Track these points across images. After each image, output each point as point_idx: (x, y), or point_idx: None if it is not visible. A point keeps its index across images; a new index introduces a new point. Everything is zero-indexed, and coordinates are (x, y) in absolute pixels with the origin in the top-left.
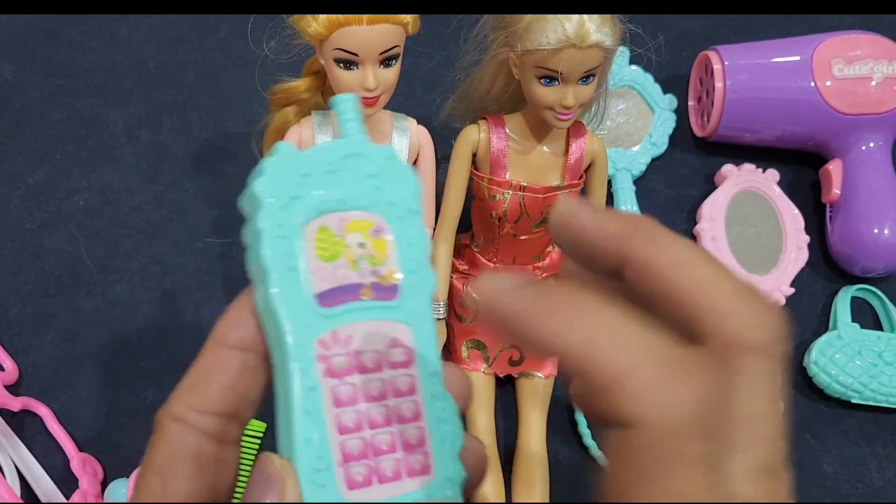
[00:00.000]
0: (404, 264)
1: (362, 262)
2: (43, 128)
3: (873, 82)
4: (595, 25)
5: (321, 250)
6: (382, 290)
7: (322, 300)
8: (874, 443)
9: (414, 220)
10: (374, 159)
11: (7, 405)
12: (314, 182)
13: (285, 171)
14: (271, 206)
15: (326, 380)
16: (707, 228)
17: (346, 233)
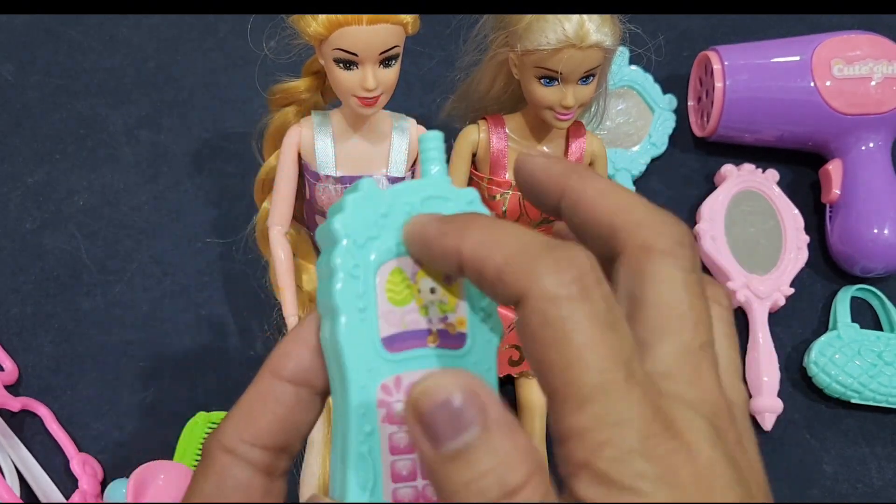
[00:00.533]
0: (474, 314)
1: (432, 309)
2: (42, 128)
3: (873, 82)
4: (595, 25)
5: (392, 293)
6: (449, 339)
7: (389, 344)
8: (874, 443)
9: None
10: (456, 203)
11: (7, 405)
12: (393, 223)
13: (366, 209)
14: (349, 243)
15: (385, 426)
16: (707, 228)
17: (420, 278)
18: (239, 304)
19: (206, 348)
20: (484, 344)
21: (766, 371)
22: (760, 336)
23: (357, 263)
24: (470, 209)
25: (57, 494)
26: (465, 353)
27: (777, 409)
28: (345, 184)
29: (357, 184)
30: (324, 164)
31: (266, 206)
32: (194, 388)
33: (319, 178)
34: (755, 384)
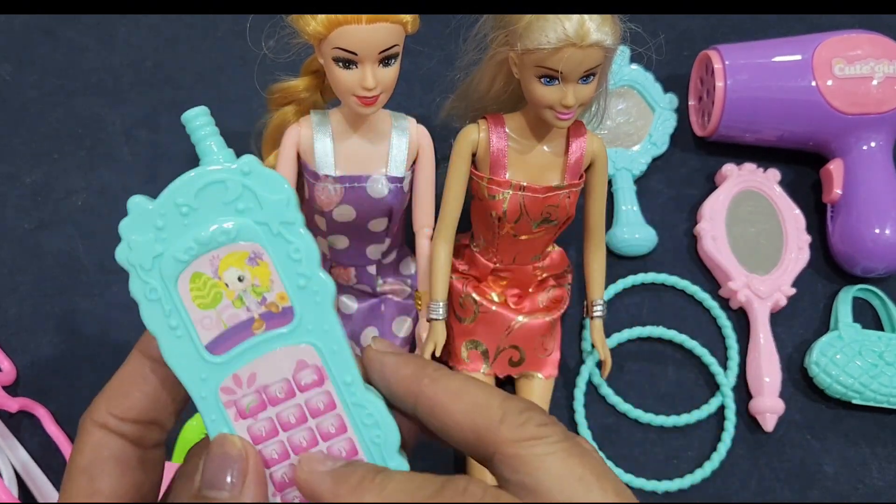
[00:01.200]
0: (291, 282)
1: (246, 297)
2: (41, 128)
3: (874, 82)
4: (595, 25)
5: (199, 299)
6: (275, 318)
7: (214, 348)
8: (875, 443)
9: (292, 231)
10: (230, 182)
11: (5, 406)
12: (172, 232)
13: (141, 229)
14: (136, 271)
15: (239, 422)
16: (707, 228)
17: (222, 272)
18: None
19: None
20: (314, 307)
21: (767, 371)
22: (761, 336)
23: (152, 287)
24: (249, 181)
25: (55, 495)
26: (296, 326)
27: (778, 409)
28: (344, 183)
29: (128, 203)
30: (323, 163)
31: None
32: None
33: (318, 178)
34: (756, 385)
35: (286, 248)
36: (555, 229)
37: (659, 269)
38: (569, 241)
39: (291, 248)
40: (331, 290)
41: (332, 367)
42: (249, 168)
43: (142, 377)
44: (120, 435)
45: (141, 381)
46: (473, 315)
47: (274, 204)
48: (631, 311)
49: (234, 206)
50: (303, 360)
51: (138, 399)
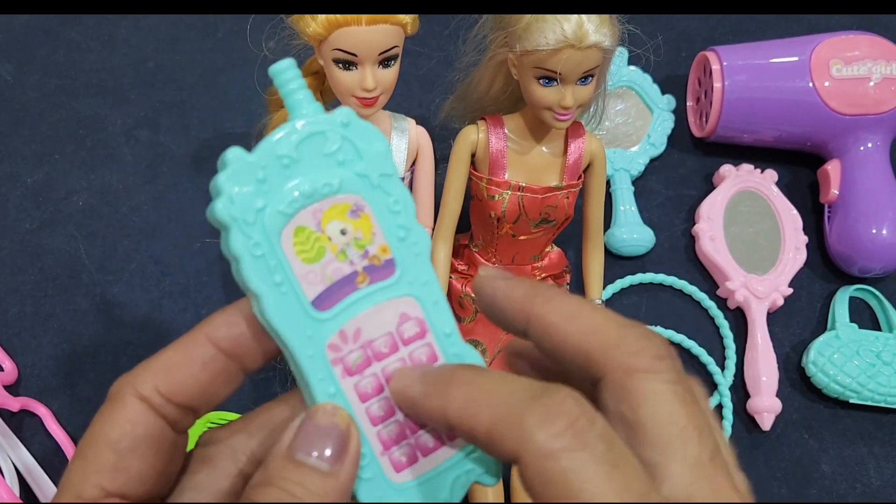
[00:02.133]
0: (392, 234)
1: (349, 250)
2: (42, 128)
3: (871, 83)
4: (594, 26)
5: (303, 253)
6: (378, 271)
7: (319, 304)
8: (872, 443)
9: (390, 183)
10: (331, 133)
11: (6, 405)
12: (274, 184)
13: (241, 182)
14: (238, 226)
15: (346, 380)
16: (705, 228)
17: (324, 225)
18: None
19: None
20: (414, 258)
21: (764, 371)
22: (759, 336)
23: (256, 241)
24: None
25: None
26: (398, 278)
27: (775, 408)
28: None
29: (223, 158)
30: None
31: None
32: None
33: None
34: (754, 384)
35: (386, 199)
36: (553, 230)
37: (657, 270)
38: (567, 241)
39: (391, 199)
40: (428, 242)
41: (433, 319)
42: (348, 119)
43: (201, 361)
44: (161, 415)
45: (198, 366)
46: (473, 315)
47: (373, 156)
48: (629, 310)
49: (335, 157)
50: (405, 313)
51: (191, 383)
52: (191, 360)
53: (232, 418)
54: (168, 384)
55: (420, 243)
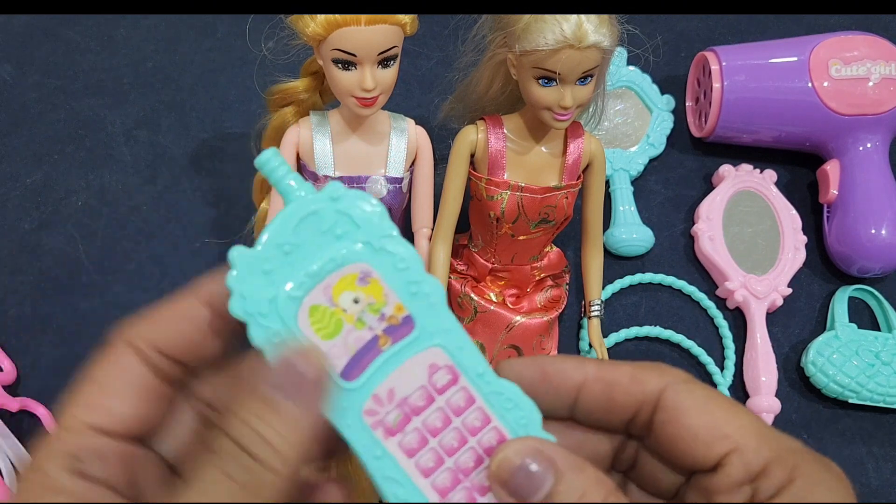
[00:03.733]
0: (404, 291)
1: (365, 316)
2: (41, 128)
3: (870, 83)
4: (593, 26)
5: (322, 330)
6: (398, 329)
7: (348, 374)
8: (871, 443)
9: (392, 242)
10: (323, 211)
11: (5, 406)
12: (280, 273)
13: (249, 279)
14: (255, 320)
15: (389, 440)
16: (705, 229)
17: (336, 298)
18: None
19: None
20: (430, 309)
21: (763, 371)
22: (758, 336)
23: (275, 331)
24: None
25: None
26: (419, 332)
27: (775, 408)
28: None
29: (229, 258)
30: (322, 164)
31: (265, 207)
32: None
33: (318, 179)
34: (753, 384)
35: (391, 259)
36: (553, 230)
37: (656, 270)
38: (567, 241)
39: (396, 258)
40: (441, 290)
41: (462, 363)
42: (337, 193)
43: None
44: (151, 366)
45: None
46: (472, 315)
47: (369, 221)
48: (628, 310)
49: (333, 232)
50: (434, 364)
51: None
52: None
53: None
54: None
55: (433, 293)
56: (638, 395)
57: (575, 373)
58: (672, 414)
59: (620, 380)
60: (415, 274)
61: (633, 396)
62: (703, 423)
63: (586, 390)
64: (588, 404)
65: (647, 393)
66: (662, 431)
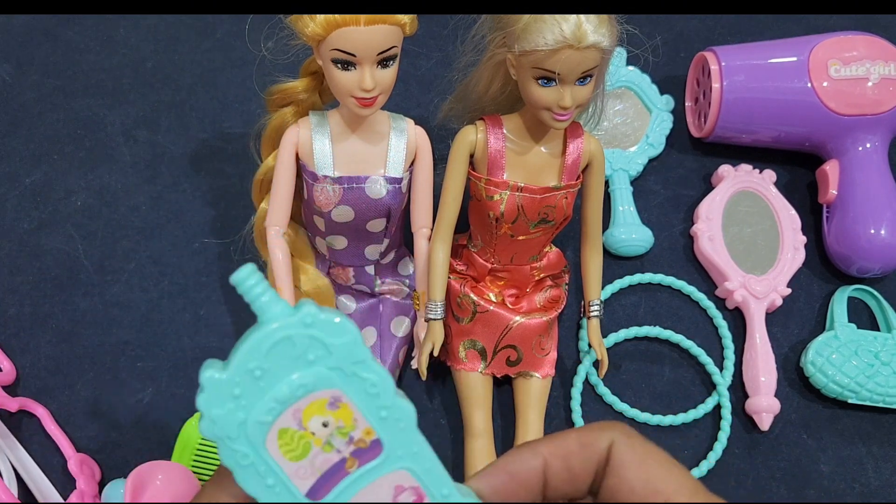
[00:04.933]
0: (373, 416)
1: (334, 439)
2: (40, 128)
3: (870, 83)
4: (592, 26)
5: (290, 453)
6: (365, 453)
7: (314, 495)
8: (870, 443)
9: (364, 368)
10: (297, 336)
11: (5, 406)
12: (250, 397)
13: (219, 402)
14: (224, 443)
15: None
16: (704, 229)
17: (306, 422)
18: (237, 304)
19: (205, 348)
20: (399, 433)
21: (763, 371)
22: (758, 336)
23: (243, 453)
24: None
25: (54, 494)
26: (387, 455)
27: (774, 409)
28: (343, 184)
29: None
30: (322, 164)
31: (264, 207)
32: (192, 389)
33: (317, 179)
34: (752, 384)
35: (362, 385)
36: (552, 230)
37: (655, 270)
38: (566, 241)
39: (368, 384)
40: (411, 414)
41: (427, 484)
42: (311, 319)
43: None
44: None
45: None
46: (471, 315)
47: (342, 347)
48: (628, 310)
49: (305, 357)
50: (400, 485)
51: None
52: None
53: None
54: None
55: (403, 417)
56: (593, 458)
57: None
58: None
59: (572, 448)
60: (385, 399)
61: (589, 461)
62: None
63: (549, 471)
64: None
65: (599, 454)
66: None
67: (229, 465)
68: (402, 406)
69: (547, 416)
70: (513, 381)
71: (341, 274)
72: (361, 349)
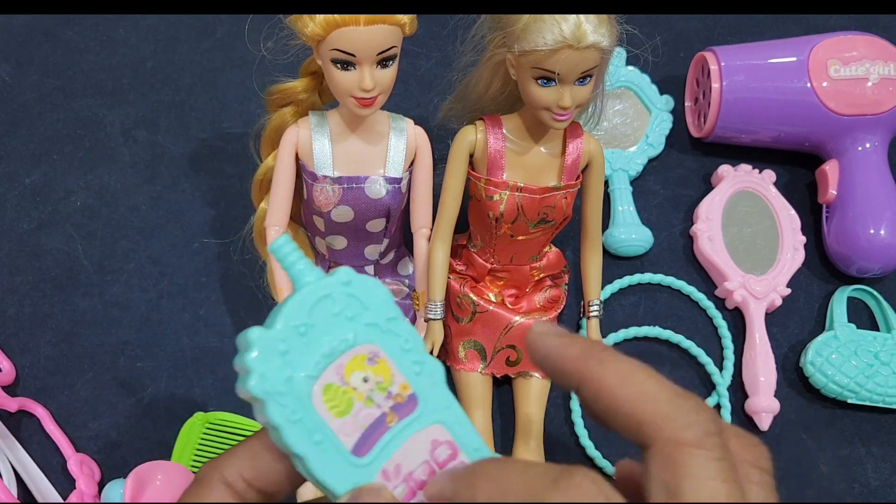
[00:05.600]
0: (409, 371)
1: (374, 395)
2: (40, 128)
3: (869, 83)
4: (592, 26)
5: (335, 408)
6: (403, 407)
7: (358, 451)
8: (870, 443)
9: (398, 325)
10: (336, 294)
11: (4, 406)
12: (296, 353)
13: (268, 359)
14: (273, 398)
15: None
16: (704, 229)
17: (348, 377)
18: (237, 304)
19: (204, 348)
20: (432, 387)
21: (762, 371)
22: (757, 336)
23: (292, 409)
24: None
25: (54, 495)
26: (423, 409)
27: (774, 409)
28: (342, 184)
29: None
30: (321, 164)
31: (264, 207)
32: (192, 389)
33: (317, 179)
34: (752, 384)
35: (397, 341)
36: (552, 230)
37: (655, 270)
38: (566, 241)
39: (401, 339)
40: (441, 370)
41: (461, 438)
42: (349, 278)
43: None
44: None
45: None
46: (471, 315)
47: (377, 304)
48: (627, 311)
49: (344, 314)
50: (436, 439)
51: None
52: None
53: (229, 418)
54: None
55: (434, 372)
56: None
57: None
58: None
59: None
60: (418, 354)
61: None
62: None
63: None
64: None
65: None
66: None
67: (278, 422)
68: (432, 361)
69: (547, 415)
70: (512, 381)
71: None
72: (393, 307)
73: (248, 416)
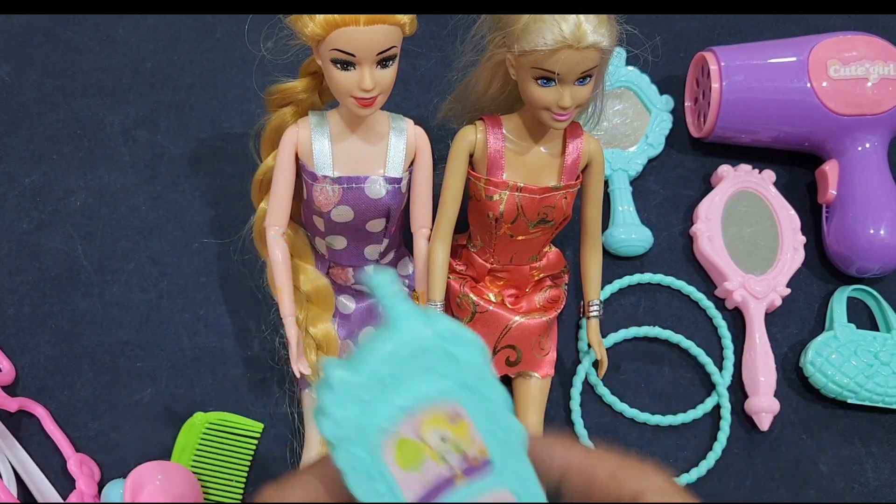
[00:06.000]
0: (490, 436)
1: (449, 455)
2: (40, 128)
3: (869, 83)
4: (592, 26)
5: (406, 462)
6: (476, 471)
7: None
8: (870, 443)
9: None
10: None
11: (4, 406)
12: (376, 403)
13: (346, 405)
14: (343, 445)
15: None
16: (703, 229)
17: (424, 434)
18: (236, 304)
19: (204, 348)
20: (510, 455)
21: (762, 371)
22: (757, 336)
23: (361, 458)
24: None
25: (54, 495)
26: (496, 475)
27: (773, 409)
28: (342, 184)
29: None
30: (321, 164)
31: (263, 207)
32: (192, 389)
33: (317, 179)
34: (752, 384)
35: (484, 403)
36: (551, 230)
37: (655, 270)
38: (566, 241)
39: (489, 403)
40: (524, 435)
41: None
42: (450, 334)
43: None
44: None
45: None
46: (471, 315)
47: (473, 366)
48: (627, 311)
49: (435, 370)
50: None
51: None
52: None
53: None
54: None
55: (516, 439)
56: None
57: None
58: None
59: (600, 476)
60: (504, 420)
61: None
62: None
63: (567, 479)
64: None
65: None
66: None
67: (343, 467)
68: (516, 427)
69: (546, 416)
70: (512, 381)
71: (341, 274)
72: (488, 368)
73: (248, 416)
